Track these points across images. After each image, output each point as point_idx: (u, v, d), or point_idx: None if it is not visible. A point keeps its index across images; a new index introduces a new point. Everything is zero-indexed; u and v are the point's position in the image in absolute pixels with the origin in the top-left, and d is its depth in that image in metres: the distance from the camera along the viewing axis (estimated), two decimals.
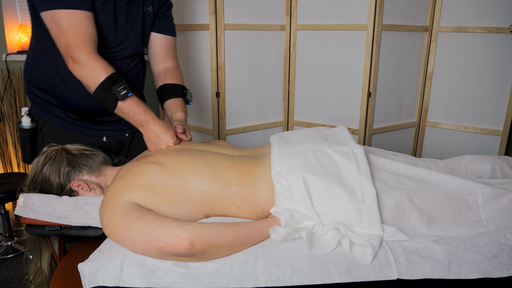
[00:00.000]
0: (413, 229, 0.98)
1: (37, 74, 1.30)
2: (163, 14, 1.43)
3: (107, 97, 1.15)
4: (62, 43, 1.15)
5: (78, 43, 1.13)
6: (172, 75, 1.43)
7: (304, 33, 2.32)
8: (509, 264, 0.90)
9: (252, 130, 2.39)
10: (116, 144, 1.44)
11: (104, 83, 1.14)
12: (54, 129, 1.34)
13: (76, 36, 1.13)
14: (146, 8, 1.36)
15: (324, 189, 0.97)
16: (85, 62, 1.13)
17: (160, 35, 1.44)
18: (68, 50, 1.14)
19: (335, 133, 1.20)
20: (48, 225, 1.09)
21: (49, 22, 1.15)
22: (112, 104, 1.16)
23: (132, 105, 1.18)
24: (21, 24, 2.57)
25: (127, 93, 1.16)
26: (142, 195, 0.99)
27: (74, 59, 1.14)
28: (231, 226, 0.94)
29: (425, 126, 2.48)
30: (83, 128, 1.36)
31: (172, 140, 1.20)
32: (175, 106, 1.37)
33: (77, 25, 1.13)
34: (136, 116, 1.19)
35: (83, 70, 1.14)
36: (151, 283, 0.86)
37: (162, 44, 1.45)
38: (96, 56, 1.15)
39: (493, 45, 2.20)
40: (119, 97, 1.15)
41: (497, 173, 1.17)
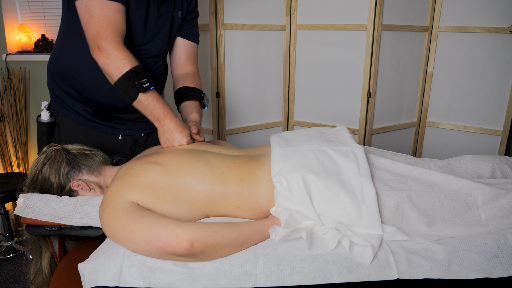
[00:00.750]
0: (413, 229, 0.98)
1: (62, 67, 1.32)
2: (190, 21, 1.47)
3: (129, 88, 1.15)
4: (91, 31, 1.16)
5: (107, 32, 1.15)
6: (191, 79, 1.46)
7: (304, 33, 2.32)
8: (509, 264, 0.90)
9: (252, 130, 2.39)
10: (131, 143, 1.46)
11: (128, 74, 1.14)
12: (72, 124, 1.36)
13: (106, 26, 1.15)
14: (175, 12, 1.39)
15: (324, 189, 0.97)
16: (111, 52, 1.14)
17: (185, 40, 1.47)
18: (96, 38, 1.15)
19: (335, 133, 1.20)
20: (48, 225, 1.09)
21: (82, 10, 1.16)
22: (133, 96, 1.16)
23: (152, 99, 1.19)
24: (21, 24, 2.57)
25: (150, 86, 1.17)
26: (142, 195, 0.99)
27: (100, 47, 1.15)
28: (231, 226, 0.94)
29: (425, 126, 2.48)
30: (100, 126, 1.38)
31: (186, 139, 1.21)
32: (191, 107, 1.39)
33: (108, 15, 1.15)
34: (154, 110, 1.19)
35: (108, 59, 1.15)
36: (151, 283, 0.87)
37: (185, 50, 1.48)
38: (123, 47, 1.17)
39: (493, 45, 2.20)
40: (141, 89, 1.15)
41: (497, 173, 1.17)
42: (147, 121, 1.46)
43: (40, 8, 2.57)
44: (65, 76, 1.33)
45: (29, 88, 2.60)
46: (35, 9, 2.57)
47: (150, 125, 1.47)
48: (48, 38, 2.59)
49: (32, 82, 2.59)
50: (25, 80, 2.57)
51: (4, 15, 2.49)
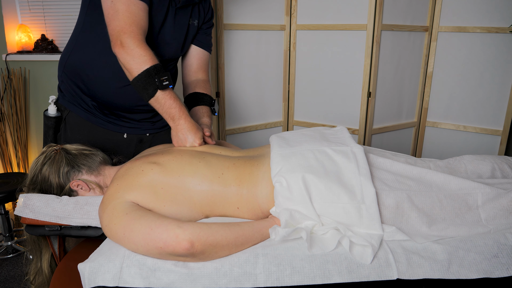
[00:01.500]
0: (413, 229, 0.98)
1: (74, 60, 1.34)
2: (205, 30, 1.49)
3: (148, 85, 1.16)
4: (115, 26, 1.16)
5: (132, 28, 1.16)
6: (202, 86, 1.48)
7: (304, 33, 2.32)
8: (509, 264, 0.90)
9: (252, 130, 2.39)
10: (136, 142, 1.47)
11: (149, 71, 1.15)
12: (78, 120, 1.37)
13: (131, 22, 1.16)
14: (192, 21, 1.41)
15: (323, 189, 0.97)
16: (133, 48, 1.15)
17: (198, 48, 1.50)
18: (120, 33, 1.15)
19: (334, 133, 1.20)
20: (48, 225, 1.09)
21: (108, 5, 1.17)
22: (151, 92, 1.17)
23: (170, 97, 1.19)
24: (21, 24, 2.57)
25: (169, 85, 1.18)
26: (142, 195, 0.99)
27: (123, 43, 1.15)
28: (231, 226, 0.94)
29: (425, 126, 2.48)
30: (106, 123, 1.39)
31: (198, 141, 1.22)
32: (202, 112, 1.41)
33: (133, 13, 1.17)
34: (170, 109, 1.20)
35: (130, 54, 1.15)
36: (151, 283, 0.87)
37: (198, 57, 1.50)
38: (145, 44, 1.18)
39: (493, 45, 2.20)
40: (160, 86, 1.16)
41: (496, 173, 1.17)
42: (153, 122, 1.48)
43: (40, 8, 2.57)
44: (76, 70, 1.34)
45: (29, 88, 2.60)
46: (35, 9, 2.57)
47: (156, 125, 1.49)
48: (48, 38, 2.59)
49: (32, 82, 2.59)
50: (25, 80, 2.57)
51: (4, 15, 2.49)
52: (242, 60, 2.26)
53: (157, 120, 1.50)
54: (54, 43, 2.60)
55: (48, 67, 2.54)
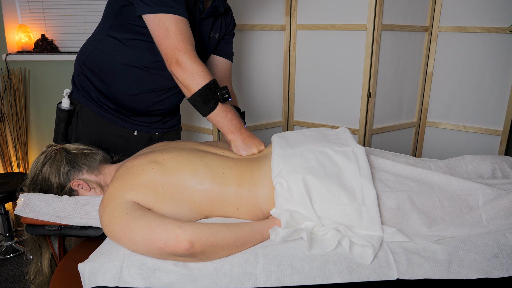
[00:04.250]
0: (413, 230, 0.98)
1: (94, 60, 1.34)
2: (227, 40, 1.51)
3: (209, 98, 1.17)
4: (168, 45, 1.17)
5: (185, 46, 1.17)
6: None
7: (304, 33, 2.32)
8: (509, 264, 0.90)
9: (252, 130, 2.39)
10: (145, 140, 1.49)
11: (209, 85, 1.17)
12: (90, 114, 1.39)
13: (183, 40, 1.17)
14: (213, 34, 1.43)
15: (324, 190, 0.97)
16: (190, 65, 1.16)
17: (220, 58, 1.51)
18: (175, 52, 1.17)
19: (336, 134, 1.20)
20: (48, 225, 1.09)
21: (156, 24, 1.18)
22: (212, 106, 1.18)
23: (230, 109, 1.22)
24: (21, 24, 2.58)
25: (228, 98, 1.20)
26: (142, 194, 0.99)
27: (179, 61, 1.16)
28: (231, 227, 0.94)
29: (425, 126, 2.48)
30: (118, 119, 1.41)
31: (262, 144, 1.24)
32: None
33: (183, 30, 1.18)
34: (232, 120, 1.22)
35: (187, 72, 1.17)
36: (151, 283, 0.87)
37: (221, 67, 1.52)
38: (199, 59, 1.19)
39: (493, 45, 2.20)
40: (222, 100, 1.18)
41: (497, 173, 1.17)
42: (164, 121, 1.50)
43: (40, 8, 2.57)
44: (95, 69, 1.35)
45: (29, 88, 2.60)
46: (35, 9, 2.57)
47: (166, 125, 1.51)
48: (48, 38, 2.59)
49: (32, 82, 2.59)
50: (25, 80, 2.57)
51: (4, 15, 2.49)
52: (242, 60, 2.25)
53: (168, 120, 1.51)
54: (54, 43, 2.60)
55: (48, 67, 2.54)
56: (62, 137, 1.42)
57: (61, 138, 1.43)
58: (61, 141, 1.43)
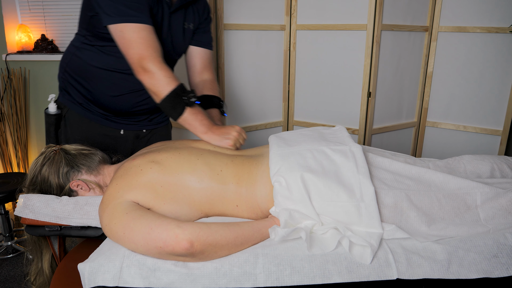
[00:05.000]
0: (412, 228, 0.98)
1: (74, 66, 1.36)
2: (203, 29, 1.49)
3: (177, 104, 1.19)
4: (133, 54, 1.19)
5: (149, 53, 1.18)
6: (210, 87, 1.48)
7: (304, 33, 2.32)
8: (508, 264, 0.90)
9: (252, 130, 2.39)
10: (132, 138, 1.49)
11: (175, 91, 1.18)
12: (77, 117, 1.41)
13: (146, 47, 1.18)
14: (187, 25, 1.42)
15: (322, 187, 0.97)
16: (155, 72, 1.18)
17: (199, 48, 1.49)
18: (140, 61, 1.18)
19: (333, 133, 1.20)
20: (48, 226, 1.09)
21: (118, 35, 1.19)
22: (180, 111, 1.20)
23: (199, 112, 1.23)
24: (21, 24, 2.58)
25: (195, 101, 1.21)
26: (142, 194, 0.99)
27: (145, 68, 1.18)
28: (230, 226, 0.94)
29: (425, 126, 2.48)
30: (103, 119, 1.42)
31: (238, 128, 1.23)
32: (212, 116, 1.42)
33: (145, 38, 1.19)
34: (202, 121, 1.22)
35: (154, 78, 1.18)
36: (151, 283, 0.87)
37: (200, 57, 1.50)
38: (165, 66, 1.21)
39: (493, 45, 2.20)
40: (189, 104, 1.19)
41: (496, 173, 1.17)
42: (151, 119, 1.50)
43: (40, 8, 2.57)
44: (76, 75, 1.37)
45: (29, 88, 2.60)
46: (35, 9, 2.57)
47: (153, 121, 1.52)
48: (48, 38, 2.59)
49: (32, 82, 2.59)
50: (25, 80, 2.57)
51: (4, 15, 2.49)
52: (242, 60, 2.26)
53: (154, 117, 1.52)
54: (54, 43, 2.60)
55: (48, 67, 2.54)
56: (53, 141, 1.44)
57: (52, 142, 1.44)
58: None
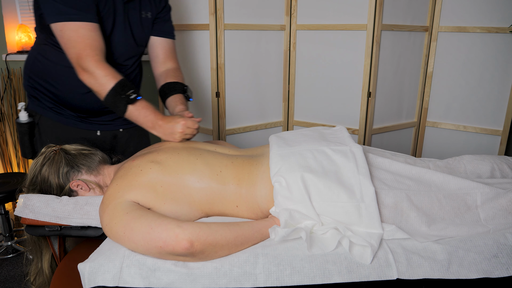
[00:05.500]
0: (412, 229, 0.98)
1: (39, 68, 1.34)
2: (163, 18, 1.47)
3: (118, 102, 1.19)
4: (72, 54, 1.19)
5: (86, 52, 1.17)
6: (173, 75, 1.46)
7: (304, 33, 2.32)
8: (508, 264, 0.90)
9: (252, 130, 2.39)
10: (110, 139, 1.47)
11: (114, 89, 1.17)
12: (50, 123, 1.38)
13: (84, 47, 1.17)
14: (145, 14, 1.40)
15: (323, 188, 0.97)
16: (93, 71, 1.17)
17: (160, 38, 1.47)
18: (78, 60, 1.18)
19: (334, 133, 1.20)
20: (48, 226, 1.09)
21: (58, 34, 1.19)
22: (122, 108, 1.20)
23: (142, 108, 1.22)
24: (21, 24, 2.57)
25: (137, 97, 1.20)
26: (142, 194, 0.99)
27: (83, 68, 1.18)
28: (230, 226, 0.94)
29: (425, 126, 2.48)
30: (78, 122, 1.40)
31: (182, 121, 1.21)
32: (175, 101, 1.40)
33: (85, 37, 1.18)
34: (146, 117, 1.22)
35: (92, 78, 1.18)
36: (151, 283, 0.87)
37: (162, 47, 1.48)
38: (104, 64, 1.19)
39: (493, 45, 2.20)
40: (129, 101, 1.19)
41: (496, 173, 1.17)
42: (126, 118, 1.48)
43: None
44: (41, 79, 1.35)
45: None
46: None
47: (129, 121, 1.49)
48: None
49: None
50: None
51: (4, 15, 2.49)
52: (242, 60, 2.25)
53: None
54: None
55: None
56: (29, 151, 1.41)
57: (28, 152, 1.41)
58: (30, 155, 1.42)
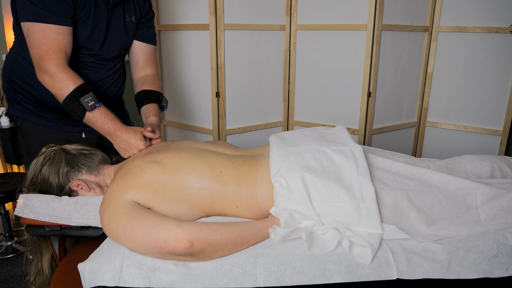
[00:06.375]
0: (412, 229, 0.98)
1: (18, 70, 1.33)
2: (146, 24, 1.48)
3: (75, 108, 1.18)
4: (34, 54, 1.18)
5: (48, 55, 1.17)
6: (150, 82, 1.46)
7: (304, 33, 2.32)
8: (508, 264, 0.90)
9: (252, 130, 2.39)
10: (96, 140, 1.46)
11: (72, 94, 1.17)
12: (33, 127, 1.37)
13: (47, 49, 1.17)
14: (129, 18, 1.40)
15: (323, 188, 0.97)
16: (53, 74, 1.17)
17: (142, 43, 1.48)
18: (38, 61, 1.17)
19: (334, 133, 1.20)
20: (48, 225, 1.09)
21: (26, 32, 1.19)
22: (80, 114, 1.20)
23: (100, 116, 1.21)
24: None
25: (95, 104, 1.20)
26: (142, 194, 0.99)
27: (43, 70, 1.17)
28: (230, 226, 0.94)
29: (425, 126, 2.48)
30: (62, 125, 1.39)
31: (141, 142, 1.23)
32: (149, 111, 1.40)
33: (51, 39, 1.17)
34: (103, 125, 1.22)
35: (51, 81, 1.18)
36: (151, 283, 0.87)
37: (143, 53, 1.49)
38: (65, 68, 1.19)
39: (493, 45, 2.20)
40: (86, 108, 1.19)
41: (496, 173, 1.17)
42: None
43: None
44: (21, 81, 1.34)
45: None
46: None
47: None
48: None
49: None
50: None
51: (4, 15, 2.49)
52: (242, 60, 2.25)
53: None
54: None
55: None
56: (13, 156, 1.40)
57: (12, 157, 1.40)
58: (14, 160, 1.40)
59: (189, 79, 2.30)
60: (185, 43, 2.26)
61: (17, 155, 1.40)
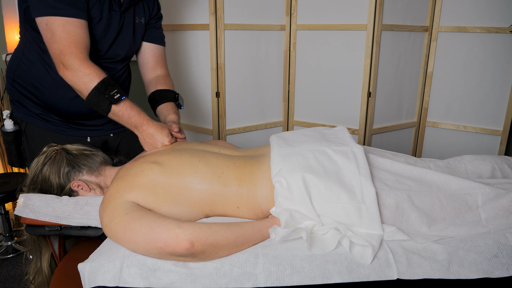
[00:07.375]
0: (413, 229, 0.98)
1: (23, 73, 1.31)
2: (154, 25, 1.47)
3: (101, 101, 1.16)
4: (54, 49, 1.16)
5: (71, 49, 1.14)
6: (163, 82, 1.46)
7: (304, 33, 2.32)
8: (509, 264, 0.90)
9: (252, 130, 2.39)
10: (100, 144, 1.45)
11: (97, 88, 1.15)
12: (37, 130, 1.35)
13: (69, 43, 1.15)
14: (139, 20, 1.40)
15: (323, 189, 0.97)
16: (77, 68, 1.14)
17: (151, 44, 1.47)
18: (60, 57, 1.15)
19: (334, 133, 1.20)
20: (48, 225, 1.09)
21: (43, 28, 1.16)
22: (106, 108, 1.17)
23: (126, 108, 1.20)
24: None
25: (121, 97, 1.18)
26: (142, 195, 0.99)
27: (65, 65, 1.15)
28: (231, 226, 0.94)
29: (425, 126, 2.48)
30: (67, 129, 1.37)
31: (167, 138, 1.21)
32: (167, 109, 1.39)
33: (70, 33, 1.15)
34: (130, 118, 1.20)
35: (75, 76, 1.15)
36: (151, 283, 0.87)
37: (152, 54, 1.48)
38: (88, 62, 1.17)
39: (493, 45, 2.20)
40: (113, 101, 1.16)
41: (496, 173, 1.17)
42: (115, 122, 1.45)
43: None
44: (27, 83, 1.32)
45: None
46: None
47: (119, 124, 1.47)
48: None
49: None
50: None
51: (4, 15, 2.49)
52: (242, 60, 2.26)
53: None
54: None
55: None
56: (16, 159, 1.38)
57: (15, 160, 1.38)
58: (17, 163, 1.39)
59: (189, 79, 2.30)
60: (185, 43, 2.26)
61: (20, 158, 1.38)
